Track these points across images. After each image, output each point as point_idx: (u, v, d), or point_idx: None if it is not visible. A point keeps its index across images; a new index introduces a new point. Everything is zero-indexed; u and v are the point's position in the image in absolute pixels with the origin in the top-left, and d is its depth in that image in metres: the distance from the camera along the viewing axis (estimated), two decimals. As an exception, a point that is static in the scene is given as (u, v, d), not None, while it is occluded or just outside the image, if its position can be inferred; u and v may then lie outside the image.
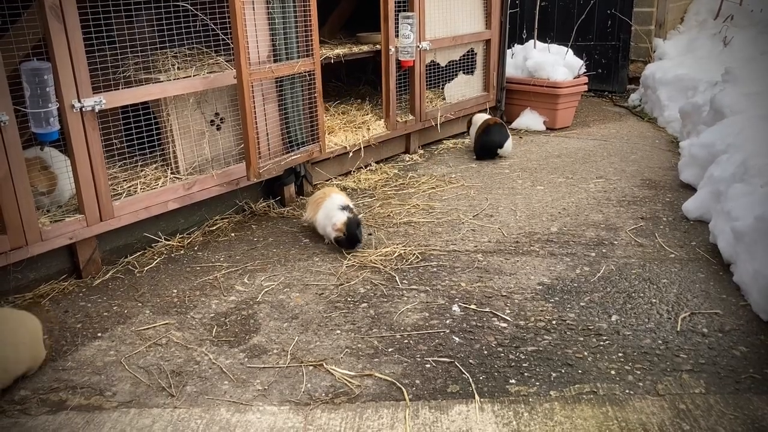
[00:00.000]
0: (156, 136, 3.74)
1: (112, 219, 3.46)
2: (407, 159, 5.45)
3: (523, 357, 2.66)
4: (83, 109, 3.21)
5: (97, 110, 3.27)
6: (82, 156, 3.28)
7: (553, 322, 2.91)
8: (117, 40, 3.63)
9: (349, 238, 3.61)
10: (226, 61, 4.00)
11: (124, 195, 3.60)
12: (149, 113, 3.71)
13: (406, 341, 2.79)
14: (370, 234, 3.92)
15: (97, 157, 3.34)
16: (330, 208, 3.70)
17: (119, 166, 3.93)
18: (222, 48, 4.03)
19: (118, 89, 3.45)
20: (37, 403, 2.44)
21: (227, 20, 3.76)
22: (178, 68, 3.81)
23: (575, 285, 3.24)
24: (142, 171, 3.89)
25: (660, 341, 2.74)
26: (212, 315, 3.06)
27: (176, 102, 3.77)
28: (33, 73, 2.97)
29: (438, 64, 5.69)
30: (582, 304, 3.06)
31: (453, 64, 5.87)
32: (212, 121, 4.01)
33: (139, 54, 3.83)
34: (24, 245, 3.12)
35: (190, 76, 3.74)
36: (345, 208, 3.68)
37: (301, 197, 4.58)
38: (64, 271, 3.42)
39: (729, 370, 2.53)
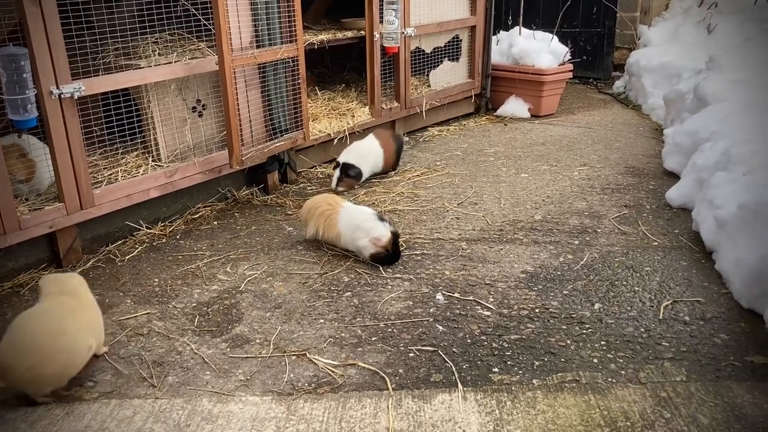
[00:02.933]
0: (137, 123, 3.69)
1: (93, 207, 3.42)
2: (392, 146, 5.42)
3: (506, 345, 2.66)
4: (62, 96, 3.16)
5: (76, 97, 3.22)
6: (61, 143, 3.23)
7: (537, 310, 2.92)
8: (96, 26, 3.57)
9: (395, 255, 3.33)
10: (208, 47, 3.95)
11: (104, 183, 3.55)
12: (130, 100, 3.66)
13: (389, 330, 2.79)
14: (354, 222, 3.91)
15: (77, 144, 3.29)
16: (360, 219, 3.34)
17: (99, 154, 3.87)
18: (204, 34, 3.98)
19: (98, 75, 3.40)
20: (16, 395, 2.41)
21: (209, 5, 3.71)
22: (159, 54, 3.76)
23: (558, 273, 3.25)
24: (122, 159, 3.84)
25: (642, 329, 2.75)
26: (194, 304, 3.03)
27: (157, 88, 3.72)
28: (9, 59, 2.92)
29: (423, 50, 5.66)
30: (565, 292, 3.07)
31: (438, 51, 5.84)
32: (194, 107, 3.96)
33: (119, 40, 3.77)
34: (2, 234, 3.07)
35: (171, 63, 3.69)
36: (383, 219, 3.34)
37: (284, 185, 4.55)
38: (43, 260, 3.38)
39: (710, 357, 2.55)
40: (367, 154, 4.49)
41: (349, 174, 4.35)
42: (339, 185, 4.36)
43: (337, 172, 4.35)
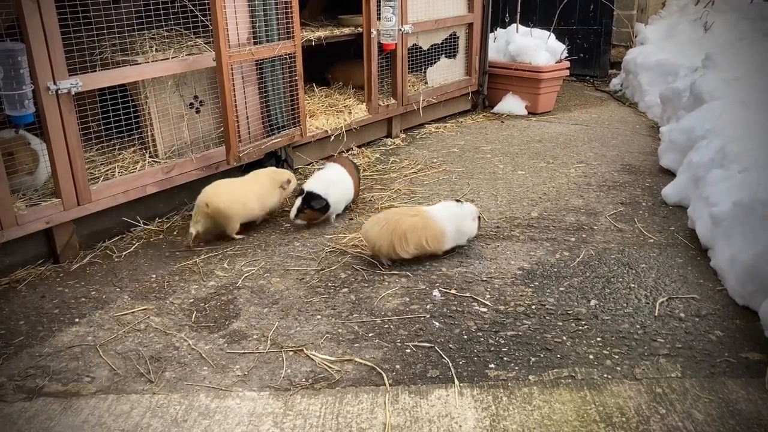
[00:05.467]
0: (134, 119, 3.69)
1: (90, 203, 3.42)
2: (389, 143, 5.43)
3: (502, 342, 2.67)
4: (59, 92, 3.16)
5: (73, 93, 3.21)
6: (58, 139, 3.23)
7: (533, 306, 2.93)
8: (93, 21, 3.56)
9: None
10: (205, 43, 3.95)
11: (101, 179, 3.55)
12: (127, 96, 3.66)
13: (386, 326, 2.80)
14: (351, 219, 3.91)
15: (74, 140, 3.29)
16: (457, 211, 3.34)
17: (96, 150, 3.87)
18: (201, 30, 3.97)
19: (95, 71, 3.40)
20: (13, 390, 2.42)
21: (206, 1, 3.71)
22: (156, 50, 3.76)
23: (555, 270, 3.26)
24: (119, 155, 3.84)
25: (638, 326, 2.76)
26: (191, 300, 3.04)
27: (154, 84, 3.72)
28: (6, 54, 2.91)
29: (420, 47, 5.66)
30: (561, 288, 3.08)
31: (435, 48, 5.84)
32: (191, 104, 3.96)
33: (117, 35, 3.77)
34: (-1, 230, 3.07)
35: (168, 59, 3.69)
36: (478, 217, 3.45)
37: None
38: (40, 256, 3.38)
39: (705, 354, 2.57)
40: (337, 183, 3.82)
41: (313, 206, 3.66)
42: (298, 217, 3.69)
43: (298, 201, 3.68)
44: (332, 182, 3.78)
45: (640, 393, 2.34)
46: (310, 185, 3.72)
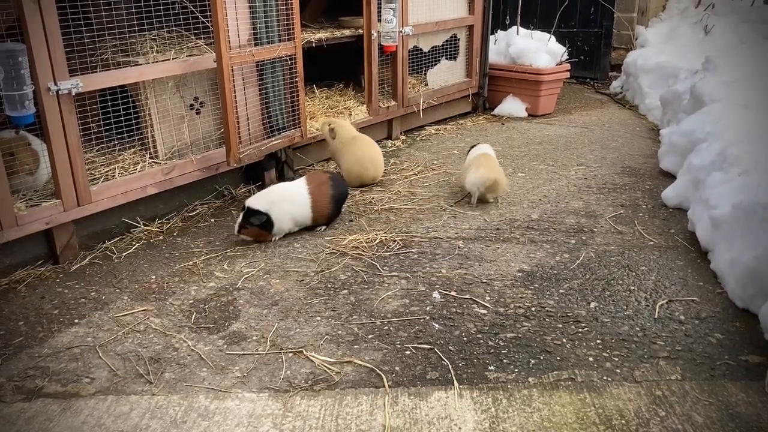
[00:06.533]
0: (134, 120, 3.69)
1: (90, 204, 3.42)
2: (389, 145, 5.44)
3: (502, 344, 2.67)
4: (59, 92, 3.16)
5: (73, 93, 3.22)
6: (58, 140, 3.23)
7: (533, 308, 2.93)
8: (94, 22, 3.57)
9: None
10: (206, 45, 3.95)
11: (101, 180, 3.55)
12: (127, 97, 3.66)
13: (386, 328, 2.80)
14: (351, 220, 3.91)
15: (74, 141, 3.29)
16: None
17: (97, 151, 3.87)
18: (202, 31, 3.98)
19: (96, 72, 3.40)
20: (12, 390, 2.41)
21: (207, 3, 3.71)
22: (157, 51, 3.76)
23: (555, 272, 3.26)
24: (120, 156, 3.84)
25: (638, 328, 2.76)
26: (191, 301, 3.03)
27: (155, 85, 3.72)
28: (7, 54, 2.92)
29: (421, 49, 5.66)
30: (561, 291, 3.08)
31: (436, 50, 5.85)
32: (192, 105, 3.96)
33: (117, 36, 3.77)
34: (-1, 230, 3.07)
35: (169, 60, 3.70)
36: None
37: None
38: (40, 257, 3.38)
39: (705, 356, 2.56)
40: (283, 200, 3.64)
41: (252, 222, 3.55)
42: (241, 233, 3.61)
43: (239, 217, 3.60)
44: (277, 199, 3.61)
45: (640, 395, 2.34)
46: (251, 200, 3.59)
